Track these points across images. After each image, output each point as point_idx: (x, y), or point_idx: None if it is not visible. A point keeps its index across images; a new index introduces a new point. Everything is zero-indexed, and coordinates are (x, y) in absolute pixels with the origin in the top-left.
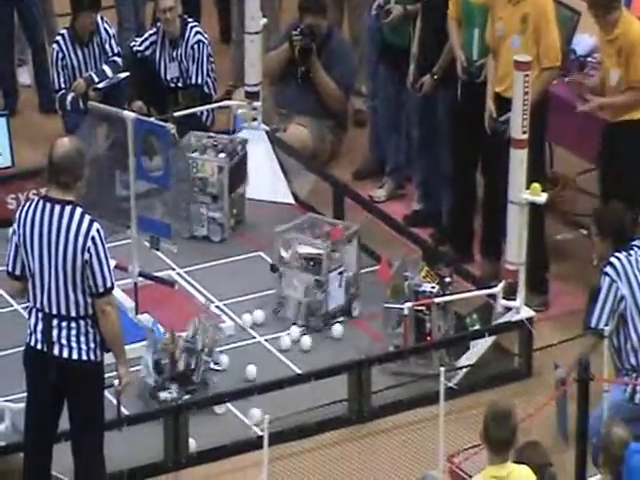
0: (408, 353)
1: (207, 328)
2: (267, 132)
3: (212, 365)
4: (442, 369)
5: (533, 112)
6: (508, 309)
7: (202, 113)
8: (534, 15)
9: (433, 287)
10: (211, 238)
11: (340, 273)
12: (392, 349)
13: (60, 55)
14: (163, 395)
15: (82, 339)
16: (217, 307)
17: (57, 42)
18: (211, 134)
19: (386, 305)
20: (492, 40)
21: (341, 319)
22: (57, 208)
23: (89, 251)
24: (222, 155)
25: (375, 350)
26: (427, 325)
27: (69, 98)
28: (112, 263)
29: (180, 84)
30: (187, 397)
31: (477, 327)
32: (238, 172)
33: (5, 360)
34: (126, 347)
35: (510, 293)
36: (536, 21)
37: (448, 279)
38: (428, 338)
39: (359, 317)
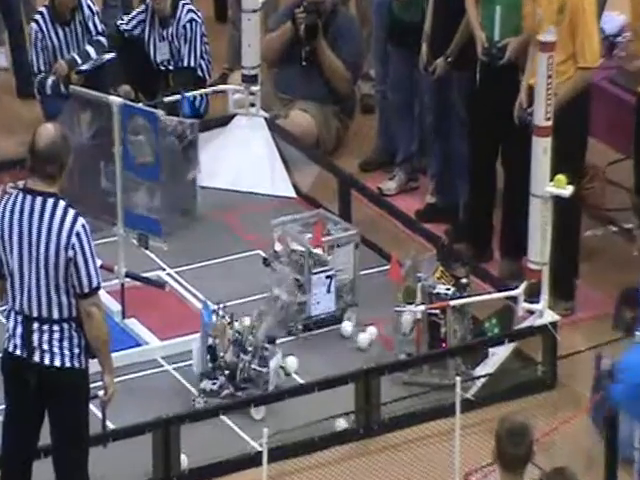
0: (421, 361)
1: (264, 324)
2: (266, 119)
3: (255, 366)
4: (458, 379)
5: (572, 106)
6: (530, 313)
7: (195, 98)
8: (571, 6)
9: (448, 289)
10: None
11: (329, 277)
12: (403, 357)
13: (39, 35)
14: (204, 384)
15: (65, 344)
16: (213, 311)
17: (36, 21)
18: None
19: (397, 309)
20: (531, 25)
21: (328, 328)
22: (39, 201)
23: (73, 248)
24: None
25: (384, 357)
26: (442, 330)
27: (49, 82)
28: (98, 262)
29: (171, 67)
30: (226, 393)
31: (496, 332)
32: (186, 157)
33: None
34: (112, 354)
35: (533, 295)
36: (573, 14)
37: (465, 280)
38: (443, 345)
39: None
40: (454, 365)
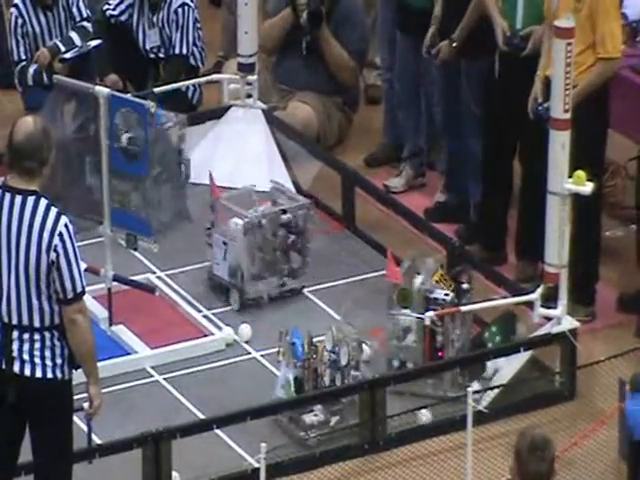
0: (430, 371)
1: (348, 338)
2: (264, 111)
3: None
4: (470, 390)
5: (592, 98)
6: (547, 319)
7: (188, 88)
8: None
9: (447, 294)
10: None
11: (224, 243)
12: (396, 364)
13: (20, 20)
14: (309, 419)
15: (47, 354)
16: (205, 317)
17: (16, 5)
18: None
19: (391, 312)
20: (548, 12)
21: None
22: (18, 199)
23: (56, 250)
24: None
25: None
26: (439, 339)
27: (31, 71)
28: (82, 265)
29: (161, 54)
30: (336, 419)
31: (497, 342)
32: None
33: None
34: (99, 364)
35: (550, 300)
36: (593, 1)
37: (466, 285)
38: (439, 354)
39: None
40: (449, 376)
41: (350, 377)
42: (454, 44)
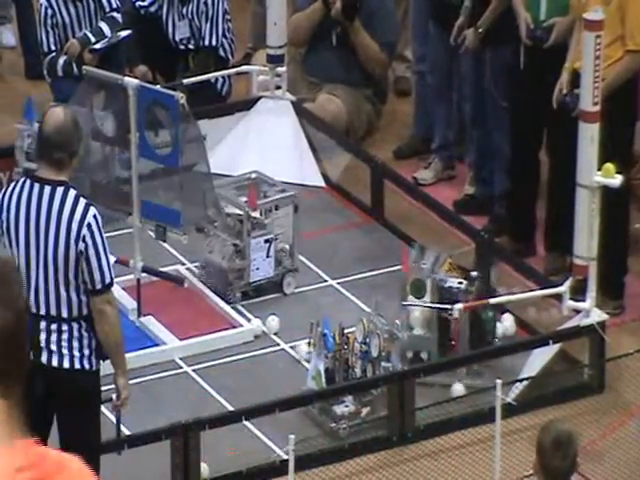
0: (462, 362)
1: (379, 330)
2: (293, 102)
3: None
4: (499, 381)
5: (620, 91)
6: (576, 312)
7: (217, 80)
8: None
9: (460, 282)
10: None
11: (267, 241)
12: (410, 355)
13: (49, 11)
14: (340, 410)
15: (75, 345)
16: (233, 308)
17: None
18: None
19: (404, 303)
20: (577, 5)
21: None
22: (47, 190)
23: (84, 240)
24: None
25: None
26: (452, 328)
27: (60, 62)
28: (111, 257)
29: (191, 46)
30: (367, 410)
31: (493, 326)
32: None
33: None
34: (127, 355)
35: (579, 293)
36: None
37: (474, 273)
38: (452, 343)
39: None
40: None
41: (381, 368)
42: (480, 30)
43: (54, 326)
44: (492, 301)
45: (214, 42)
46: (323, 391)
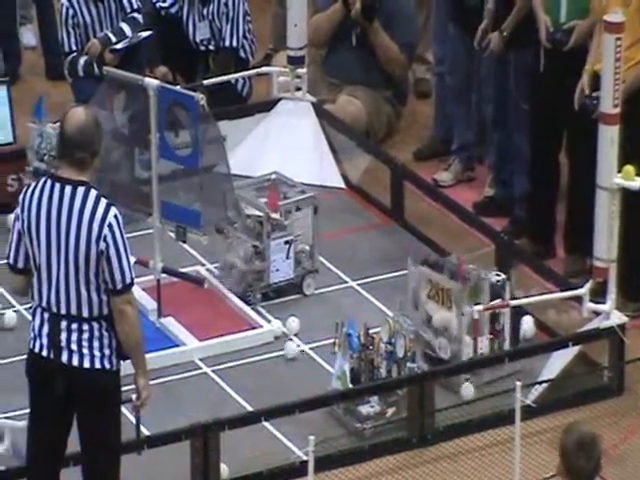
0: (483, 363)
1: (404, 330)
2: (313, 104)
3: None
4: (518, 383)
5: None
6: (596, 314)
7: (237, 81)
8: None
9: (498, 274)
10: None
11: (287, 242)
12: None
13: (70, 11)
14: (365, 410)
15: (95, 344)
16: (253, 309)
17: None
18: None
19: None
20: (598, 7)
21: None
22: (68, 189)
23: (105, 240)
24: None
25: None
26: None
27: (81, 62)
28: (132, 258)
29: (211, 47)
30: (392, 411)
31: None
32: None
33: (5, 370)
34: (147, 356)
35: (599, 295)
36: None
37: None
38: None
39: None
40: None
41: (406, 369)
42: (504, 33)
43: (75, 326)
44: (512, 303)
45: (234, 43)
46: (343, 392)
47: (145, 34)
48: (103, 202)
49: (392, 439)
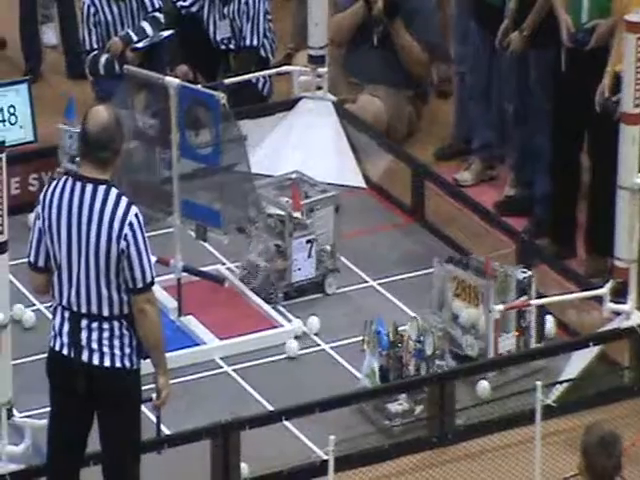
0: (504, 363)
1: (434, 328)
2: (334, 103)
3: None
4: (539, 383)
5: None
6: (617, 314)
7: (258, 80)
8: None
9: (524, 271)
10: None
11: (309, 242)
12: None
13: (92, 10)
14: (394, 408)
15: (116, 343)
16: (274, 308)
17: None
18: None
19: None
20: (619, 6)
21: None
22: (89, 188)
23: (126, 239)
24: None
25: None
26: None
27: (102, 60)
28: (152, 257)
29: (232, 46)
30: (420, 408)
31: None
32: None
33: (25, 368)
34: (167, 355)
35: (619, 295)
36: None
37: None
38: None
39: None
40: None
41: (435, 367)
42: (524, 32)
43: (95, 324)
44: (533, 302)
45: (255, 42)
46: (365, 391)
47: (166, 33)
48: (124, 201)
49: (413, 438)
